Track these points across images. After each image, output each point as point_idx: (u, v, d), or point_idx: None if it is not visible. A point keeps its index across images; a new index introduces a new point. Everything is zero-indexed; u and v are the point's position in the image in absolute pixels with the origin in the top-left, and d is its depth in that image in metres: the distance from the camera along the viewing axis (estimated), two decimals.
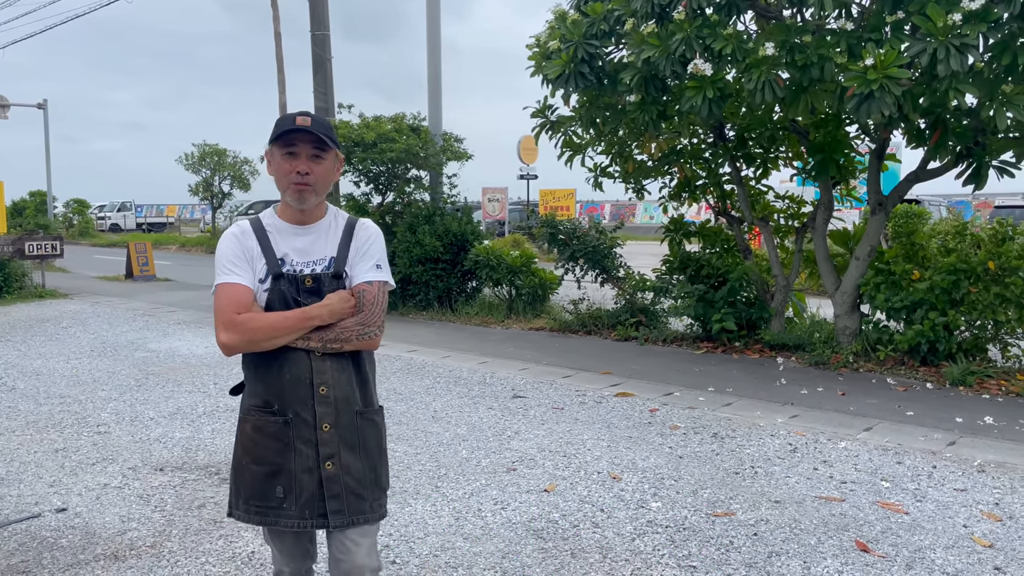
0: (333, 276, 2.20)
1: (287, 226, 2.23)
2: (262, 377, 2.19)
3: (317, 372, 2.15)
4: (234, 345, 2.12)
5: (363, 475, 2.20)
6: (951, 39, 5.34)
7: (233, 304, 2.13)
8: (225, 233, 2.26)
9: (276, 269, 2.17)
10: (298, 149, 2.15)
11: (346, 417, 2.18)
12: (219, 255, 2.21)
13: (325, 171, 2.20)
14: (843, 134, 7.65)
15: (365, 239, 2.27)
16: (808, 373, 7.12)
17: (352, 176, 11.50)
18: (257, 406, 2.20)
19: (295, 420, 2.15)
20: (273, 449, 2.16)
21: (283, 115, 2.19)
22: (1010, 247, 6.83)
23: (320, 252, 2.22)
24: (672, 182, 9.15)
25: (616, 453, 4.87)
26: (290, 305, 2.16)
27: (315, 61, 12.62)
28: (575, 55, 7.07)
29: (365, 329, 2.19)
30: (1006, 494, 4.19)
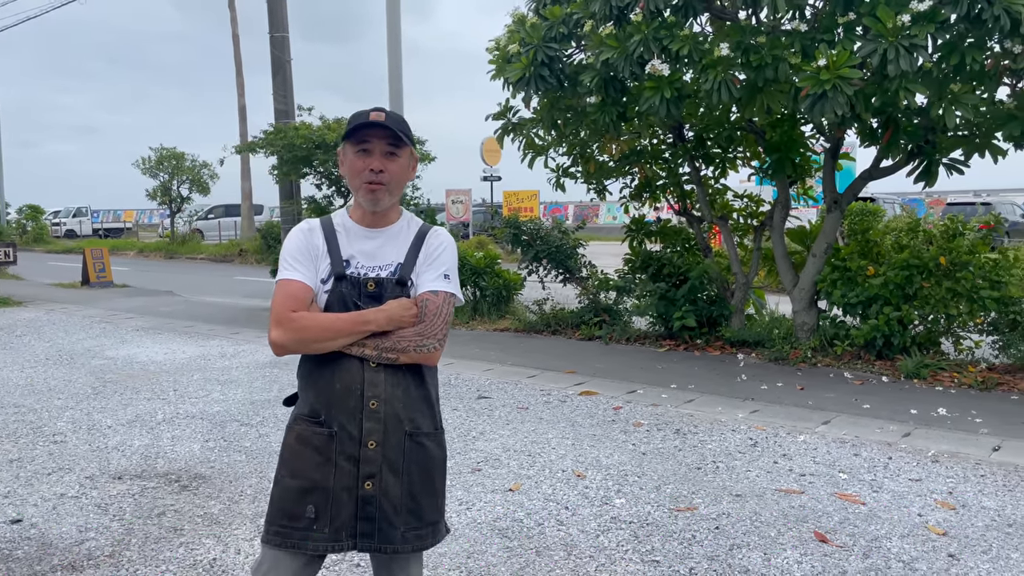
0: (397, 282, 2.08)
1: (357, 227, 2.13)
2: (313, 384, 2.06)
3: (369, 384, 2.01)
4: (285, 344, 2.00)
5: (400, 501, 2.03)
6: (901, 40, 5.47)
7: (289, 301, 2.02)
8: (293, 229, 2.17)
9: (340, 270, 2.07)
10: (372, 146, 2.06)
11: (395, 436, 2.03)
12: (284, 251, 2.11)
13: (400, 169, 2.10)
14: (798, 133, 7.80)
15: (436, 246, 2.15)
16: (768, 369, 7.24)
17: (313, 179, 11.44)
18: (304, 415, 2.07)
19: (340, 433, 2.01)
20: (313, 463, 2.01)
21: (358, 111, 2.10)
22: (960, 243, 7.02)
23: (387, 257, 2.11)
24: (633, 182, 9.23)
25: (580, 451, 4.91)
26: (349, 308, 2.04)
27: (274, 63, 12.50)
28: (535, 58, 7.11)
29: (424, 340, 2.04)
30: (959, 483, 4.30)
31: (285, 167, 11.18)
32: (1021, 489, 4.18)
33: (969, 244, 7.02)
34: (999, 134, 6.33)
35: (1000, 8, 5.27)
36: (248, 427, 5.52)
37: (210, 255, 25.77)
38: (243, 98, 27.30)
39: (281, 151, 10.93)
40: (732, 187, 8.97)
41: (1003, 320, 6.73)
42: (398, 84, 11.83)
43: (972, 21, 5.49)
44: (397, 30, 11.82)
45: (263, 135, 11.41)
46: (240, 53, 27.30)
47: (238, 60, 27.26)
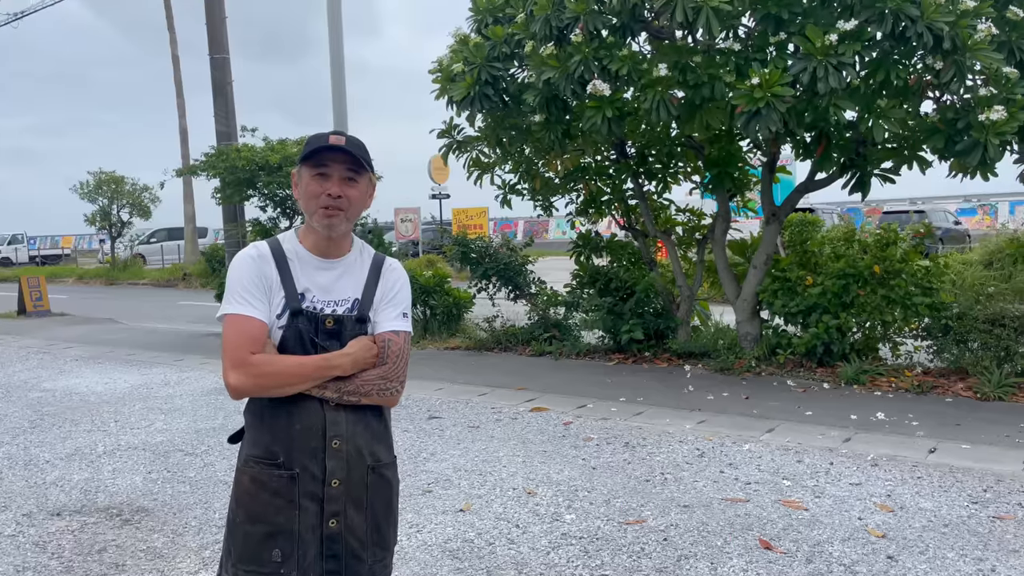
0: (357, 320, 2.02)
1: (311, 257, 2.04)
2: (269, 425, 1.98)
3: (331, 423, 1.96)
4: (244, 388, 1.92)
5: (365, 535, 2.01)
6: (829, 58, 5.67)
7: (247, 341, 1.92)
8: (240, 254, 2.04)
9: (295, 305, 1.98)
10: (330, 170, 1.98)
11: (357, 472, 2.00)
12: (232, 279, 1.99)
13: (359, 195, 2.03)
14: (736, 149, 7.99)
15: (394, 282, 2.10)
16: (714, 379, 7.37)
17: (258, 201, 11.30)
18: (260, 457, 1.98)
19: (302, 475, 1.95)
20: (274, 506, 1.95)
21: (315, 134, 2.02)
22: (893, 251, 7.26)
23: (344, 291, 2.04)
24: (579, 198, 9.34)
25: (531, 468, 4.93)
26: (306, 346, 1.97)
27: (215, 85, 12.35)
28: (479, 77, 7.17)
29: (388, 384, 2.01)
30: (897, 485, 4.43)
31: (228, 190, 11.03)
32: (956, 490, 4.33)
33: (902, 252, 7.27)
34: (926, 146, 6.59)
35: (923, 26, 5.51)
36: (193, 456, 5.41)
37: (153, 280, 25.20)
38: (184, 120, 26.87)
39: (224, 173, 10.79)
40: (676, 201, 9.14)
41: (936, 325, 6.98)
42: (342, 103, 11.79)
43: (896, 39, 5.72)
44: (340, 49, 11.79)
45: (204, 158, 11.25)
46: (180, 75, 26.91)
47: (178, 82, 26.85)
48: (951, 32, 5.51)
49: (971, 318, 6.68)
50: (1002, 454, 4.91)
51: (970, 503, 4.12)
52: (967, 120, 5.75)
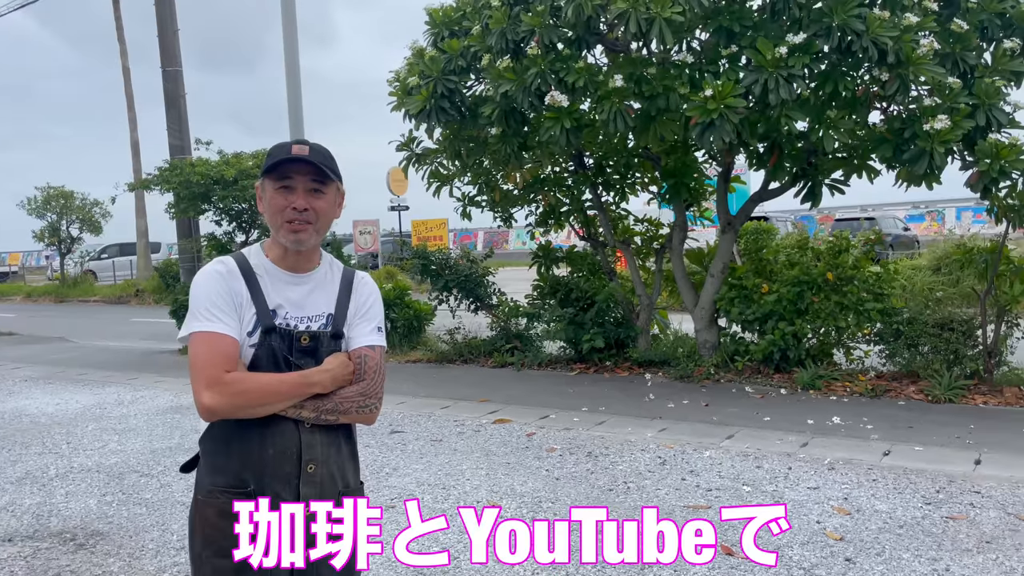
0: (332, 336, 1.95)
1: (279, 271, 1.95)
2: (238, 450, 1.86)
3: (307, 446, 1.88)
4: (219, 409, 1.81)
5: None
6: (780, 70, 5.80)
7: (220, 359, 1.82)
8: (205, 269, 1.93)
9: (268, 322, 1.89)
10: (294, 182, 1.90)
11: (329, 497, 1.93)
12: (198, 295, 1.88)
13: (326, 207, 1.94)
14: (692, 159, 8.12)
15: (366, 297, 2.03)
16: (674, 387, 7.44)
17: (213, 215, 11.15)
18: (227, 486, 1.86)
19: (274, 503, 1.85)
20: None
21: (277, 144, 1.94)
22: (846, 258, 7.43)
23: (316, 307, 1.96)
24: (538, 209, 9.40)
25: (495, 480, 4.92)
26: (280, 365, 1.88)
27: (167, 97, 12.17)
28: (435, 90, 7.18)
29: (367, 400, 1.94)
30: (854, 488, 4.52)
31: (182, 204, 10.87)
32: (910, 491, 4.43)
33: (854, 259, 7.44)
34: (874, 155, 6.76)
35: (868, 40, 5.67)
36: (149, 477, 5.30)
37: (104, 297, 24.65)
38: (136, 133, 26.38)
39: (178, 188, 10.62)
40: (634, 212, 9.25)
41: (888, 330, 7.14)
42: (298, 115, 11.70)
43: (843, 52, 5.88)
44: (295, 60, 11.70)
45: (158, 172, 11.07)
46: (131, 87, 26.43)
47: (129, 95, 26.37)
48: (895, 47, 5.68)
49: (921, 322, 6.86)
50: (953, 455, 5.05)
51: (924, 504, 4.22)
52: (913, 130, 5.91)
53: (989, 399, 6.34)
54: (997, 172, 5.75)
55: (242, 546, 1.85)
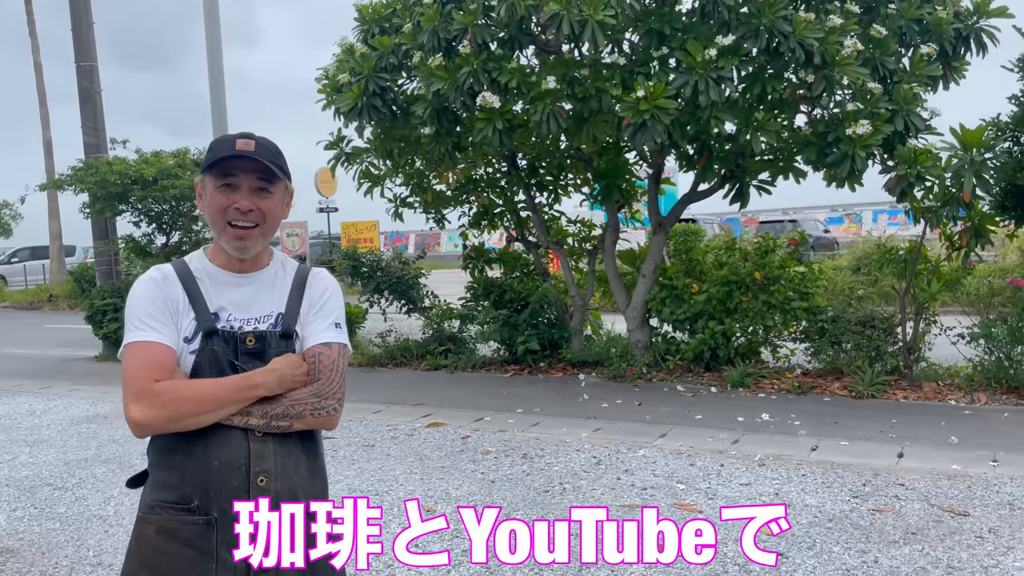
0: (281, 335, 1.78)
1: (222, 273, 1.80)
2: (180, 463, 1.69)
3: (256, 457, 1.69)
4: (150, 423, 1.65)
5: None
6: (710, 72, 5.88)
7: (150, 368, 1.66)
8: (140, 279, 1.79)
9: (209, 325, 1.73)
10: (238, 180, 1.74)
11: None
12: (132, 306, 1.74)
13: (274, 206, 1.79)
14: (623, 161, 8.18)
15: (322, 291, 1.86)
16: (608, 387, 7.48)
17: (131, 216, 10.71)
18: (168, 502, 1.69)
19: (221, 520, 1.66)
20: (186, 560, 1.66)
21: (220, 137, 1.79)
22: (772, 258, 7.59)
23: (264, 307, 1.80)
24: (471, 210, 9.33)
25: (429, 485, 4.83)
26: (224, 370, 1.72)
27: (82, 94, 11.64)
28: (367, 88, 7.04)
29: (322, 402, 1.76)
30: (784, 483, 4.60)
31: (98, 204, 10.39)
32: (838, 485, 4.53)
33: (779, 259, 7.61)
34: (799, 158, 6.93)
35: (795, 42, 5.80)
36: (63, 491, 5.02)
37: (15, 302, 23.48)
38: (48, 131, 25.26)
39: (93, 188, 10.16)
40: (567, 213, 9.27)
41: (813, 328, 7.33)
42: (222, 114, 11.37)
43: (771, 54, 6.00)
44: (219, 59, 11.38)
45: (72, 171, 10.57)
46: (44, 83, 25.29)
47: (41, 91, 25.22)
48: (821, 48, 5.82)
49: (844, 320, 7.06)
50: (877, 449, 5.19)
51: (851, 497, 4.32)
52: (836, 133, 6.08)
53: (909, 394, 6.56)
54: (914, 177, 5.96)
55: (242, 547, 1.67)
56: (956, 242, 6.55)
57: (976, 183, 5.72)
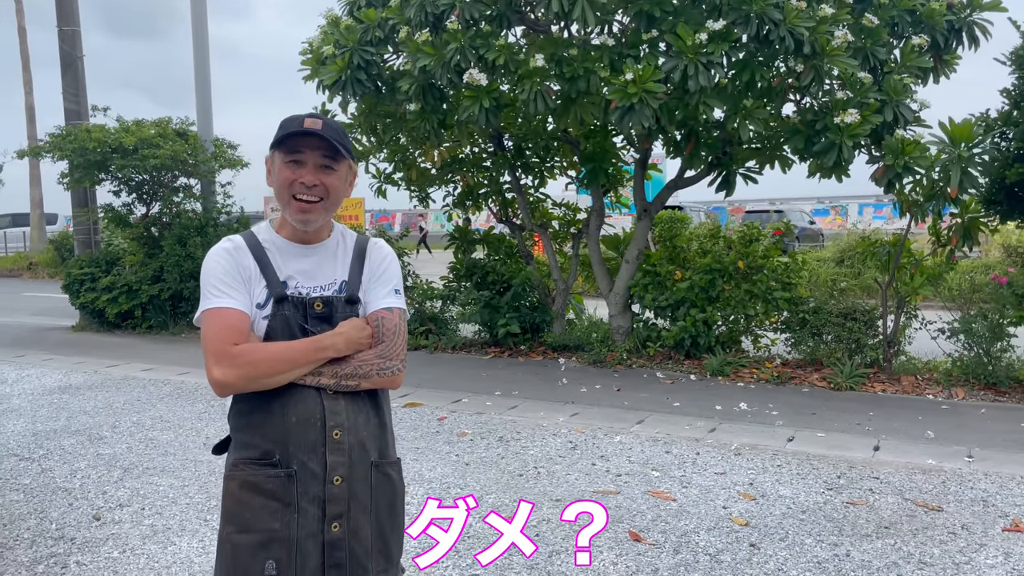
0: (347, 301, 1.90)
1: (288, 244, 1.92)
2: (260, 422, 1.82)
3: (330, 412, 1.82)
4: (231, 383, 1.77)
5: (370, 542, 1.85)
6: (699, 57, 5.80)
7: (228, 332, 1.79)
8: (214, 248, 1.90)
9: (279, 292, 1.85)
10: (304, 157, 1.85)
11: (360, 469, 1.84)
12: (207, 274, 1.86)
13: (338, 183, 1.89)
14: (610, 144, 8.10)
15: (380, 260, 1.98)
16: (588, 372, 7.44)
17: (111, 185, 10.53)
18: (250, 458, 1.82)
19: (300, 472, 1.79)
20: (268, 511, 1.77)
21: (290, 115, 1.88)
22: (756, 248, 7.55)
23: (329, 275, 1.92)
24: (456, 190, 9.23)
25: (403, 466, 4.77)
26: (295, 334, 1.84)
27: (64, 59, 11.40)
28: (351, 61, 6.91)
29: (387, 363, 1.88)
30: (759, 474, 4.58)
31: (77, 173, 10.20)
32: (813, 477, 4.51)
33: (764, 249, 7.57)
34: (787, 146, 6.87)
35: (785, 30, 5.72)
36: (29, 462, 4.93)
37: None
38: (31, 97, 24.86)
39: (72, 156, 9.96)
40: (554, 196, 9.19)
41: (794, 318, 7.31)
42: (205, 85, 11.19)
43: (761, 41, 5.92)
44: (204, 28, 11.18)
45: (50, 138, 10.35)
46: (27, 47, 24.86)
47: (25, 55, 24.80)
48: (811, 37, 5.75)
49: (826, 312, 7.04)
50: (854, 441, 5.18)
51: (826, 489, 4.30)
52: (824, 122, 6.02)
53: (887, 387, 6.56)
54: (902, 168, 5.91)
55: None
56: (944, 239, 6.53)
57: (963, 178, 5.68)
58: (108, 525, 3.92)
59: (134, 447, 5.22)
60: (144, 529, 3.86)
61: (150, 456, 5.02)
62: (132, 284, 10.28)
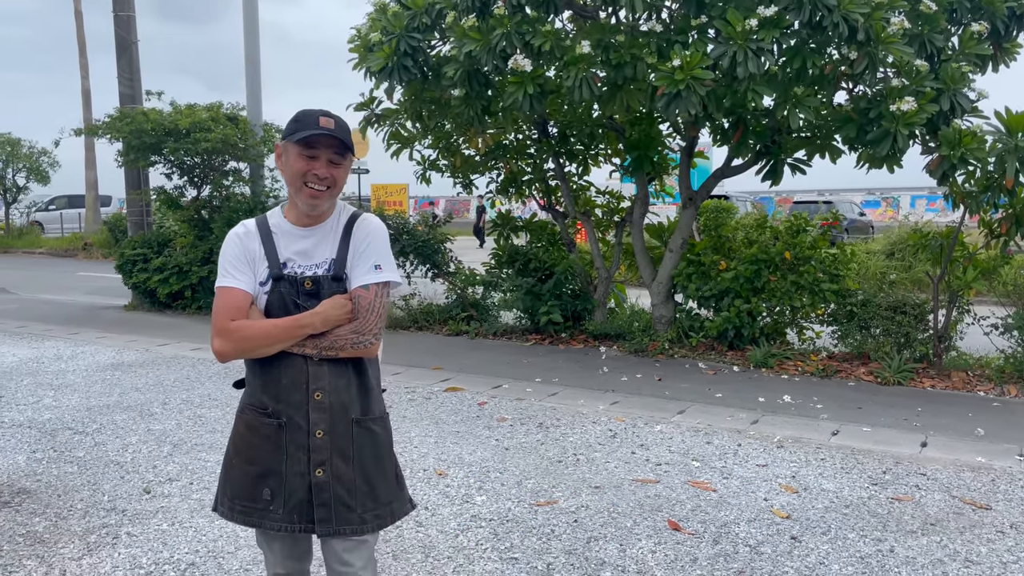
0: (333, 279, 2.17)
1: (292, 228, 2.21)
2: (260, 378, 2.17)
3: (313, 377, 2.13)
4: (226, 352, 2.12)
5: (354, 485, 2.16)
6: (749, 43, 5.70)
7: (228, 310, 2.13)
8: (230, 232, 2.23)
9: (277, 272, 2.16)
10: (318, 152, 2.13)
11: (341, 425, 2.15)
12: (221, 256, 2.20)
13: (343, 174, 2.19)
14: (656, 132, 8.02)
15: (363, 237, 2.21)
16: (628, 361, 7.41)
17: (164, 167, 10.76)
18: (253, 405, 2.19)
19: (289, 424, 2.14)
20: (265, 450, 2.14)
21: (303, 111, 2.15)
22: (804, 238, 7.43)
23: (322, 254, 2.20)
24: (499, 177, 9.24)
25: (443, 449, 4.83)
26: (289, 308, 2.14)
27: (119, 44, 11.66)
28: (398, 47, 6.94)
29: (360, 338, 2.15)
30: (801, 467, 4.52)
31: (132, 154, 10.44)
32: (857, 471, 4.45)
33: (811, 240, 7.44)
34: (837, 136, 6.73)
35: (839, 16, 5.58)
36: (83, 435, 5.09)
37: (51, 249, 23.92)
38: (87, 81, 25.46)
39: (128, 137, 10.20)
40: (598, 185, 9.15)
41: (841, 311, 7.18)
42: (256, 70, 11.34)
43: (813, 27, 5.79)
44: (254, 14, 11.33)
45: (107, 119, 10.61)
46: (84, 32, 25.45)
47: (81, 40, 25.40)
48: (865, 24, 5.61)
49: (874, 305, 6.90)
50: (901, 437, 5.08)
51: (870, 484, 4.23)
52: (879, 110, 5.88)
53: (937, 383, 6.42)
54: (957, 159, 5.75)
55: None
56: (995, 229, 6.35)
57: (1020, 169, 5.51)
58: (158, 498, 4.04)
59: (183, 423, 5.36)
60: (192, 503, 3.97)
61: (198, 432, 5.15)
62: (182, 265, 10.51)
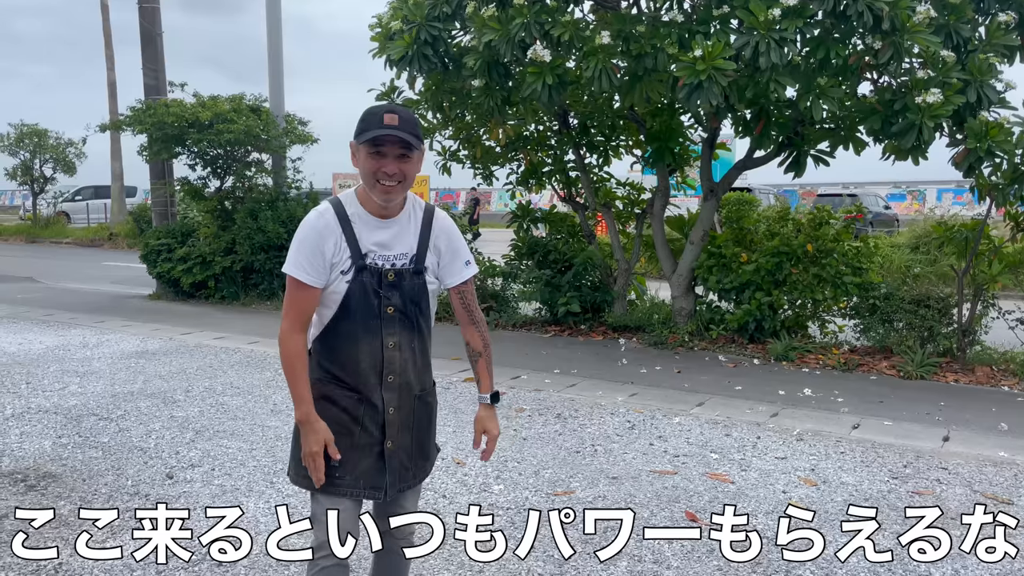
0: (414, 272, 2.32)
1: (370, 218, 2.29)
2: (338, 357, 2.31)
3: (387, 362, 2.30)
4: (281, 341, 2.29)
5: (412, 450, 2.39)
6: (772, 33, 5.65)
7: (298, 313, 2.26)
8: (309, 219, 2.28)
9: (360, 262, 2.26)
10: (385, 149, 2.19)
11: (407, 401, 2.35)
12: (298, 240, 2.26)
13: (412, 168, 2.25)
14: (677, 123, 7.97)
15: (443, 235, 2.38)
16: (648, 353, 7.39)
17: (187, 159, 10.86)
18: (331, 377, 2.32)
19: (366, 403, 2.31)
20: (339, 422, 2.28)
21: (370, 109, 2.20)
22: (826, 231, 7.37)
23: (401, 246, 2.31)
24: (519, 168, 9.23)
25: (461, 438, 4.85)
26: (369, 296, 2.27)
27: (143, 35, 11.77)
28: (418, 36, 6.95)
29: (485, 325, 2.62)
30: (821, 460, 4.50)
31: (155, 146, 10.55)
32: (877, 465, 4.42)
33: (834, 233, 7.38)
34: (862, 127, 6.66)
35: (863, 5, 5.52)
36: (108, 421, 5.17)
37: (77, 239, 24.22)
38: (113, 72, 25.70)
39: (151, 129, 10.30)
40: (619, 176, 9.11)
41: (864, 304, 7.12)
42: (278, 61, 11.41)
43: (837, 17, 5.73)
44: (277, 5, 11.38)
45: (131, 112, 10.72)
46: (109, 24, 25.68)
47: (107, 32, 25.63)
48: (891, 13, 5.53)
49: (898, 298, 6.83)
50: (922, 431, 5.04)
51: (891, 478, 4.20)
52: (904, 102, 5.81)
53: (960, 377, 6.35)
54: (984, 151, 5.67)
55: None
56: (1022, 222, 6.26)
57: None
58: (180, 484, 4.10)
59: (206, 411, 5.43)
60: (214, 489, 4.02)
61: (220, 420, 5.21)
62: (206, 255, 10.61)
